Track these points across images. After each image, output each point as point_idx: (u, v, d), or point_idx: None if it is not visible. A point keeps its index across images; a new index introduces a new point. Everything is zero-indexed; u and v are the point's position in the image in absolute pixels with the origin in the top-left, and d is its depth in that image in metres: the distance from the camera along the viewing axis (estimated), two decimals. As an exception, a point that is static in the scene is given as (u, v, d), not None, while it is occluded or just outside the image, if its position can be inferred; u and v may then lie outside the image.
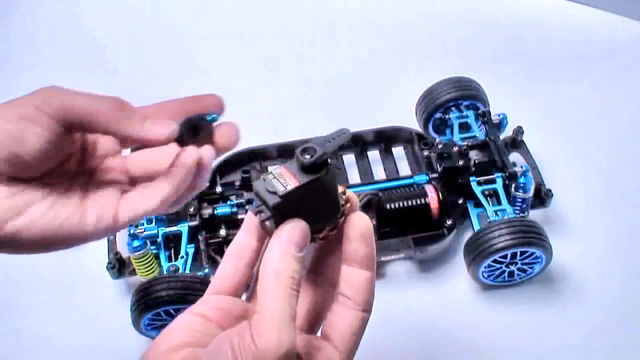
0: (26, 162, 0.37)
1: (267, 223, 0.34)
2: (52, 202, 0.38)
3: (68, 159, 0.40)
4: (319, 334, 0.36)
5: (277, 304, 0.32)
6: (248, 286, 0.38)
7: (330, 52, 0.93)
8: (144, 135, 0.37)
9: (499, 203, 0.69)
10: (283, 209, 0.34)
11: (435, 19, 0.96)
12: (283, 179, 0.33)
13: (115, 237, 0.69)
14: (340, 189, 0.36)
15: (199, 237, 0.68)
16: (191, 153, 0.38)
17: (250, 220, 0.37)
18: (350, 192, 0.37)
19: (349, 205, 0.37)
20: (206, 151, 0.39)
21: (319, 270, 0.38)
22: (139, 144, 0.39)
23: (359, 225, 0.36)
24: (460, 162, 0.70)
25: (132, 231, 0.66)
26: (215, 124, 0.40)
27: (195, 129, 0.39)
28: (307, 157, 0.33)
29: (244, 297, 0.38)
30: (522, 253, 0.63)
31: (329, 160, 0.34)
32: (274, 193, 0.33)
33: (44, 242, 0.38)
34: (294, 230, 0.34)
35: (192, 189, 0.39)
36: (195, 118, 0.39)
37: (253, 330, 0.31)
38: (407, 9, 0.98)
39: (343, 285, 0.36)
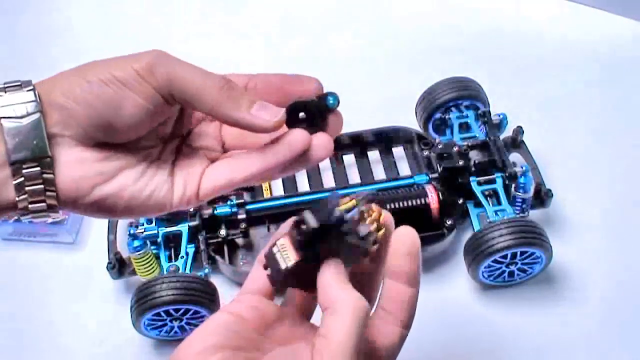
0: (119, 130, 0.35)
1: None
2: (143, 170, 0.37)
3: (164, 123, 0.38)
4: None
5: (349, 337, 0.31)
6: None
7: (330, 52, 0.93)
8: (250, 120, 0.35)
9: (499, 203, 0.69)
10: (298, 270, 0.33)
11: (435, 19, 0.96)
12: (285, 252, 0.33)
13: (115, 237, 0.69)
14: (375, 212, 0.35)
15: (199, 237, 0.68)
16: (302, 136, 0.36)
17: (277, 236, 0.35)
18: (386, 214, 0.36)
19: (382, 231, 0.35)
20: (321, 139, 0.36)
21: (383, 305, 0.36)
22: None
23: (406, 242, 0.35)
24: (460, 162, 0.70)
25: (132, 231, 0.66)
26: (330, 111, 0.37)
27: (306, 112, 0.36)
28: (295, 233, 0.32)
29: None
30: (522, 253, 0.63)
31: (319, 230, 0.32)
32: (278, 269, 0.33)
33: (129, 209, 0.36)
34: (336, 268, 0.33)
35: (290, 169, 0.37)
36: (308, 102, 0.36)
37: (316, 357, 0.30)
38: (407, 9, 0.98)
39: (385, 300, 0.35)
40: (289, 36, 0.95)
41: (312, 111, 0.36)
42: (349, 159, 0.78)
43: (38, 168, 0.34)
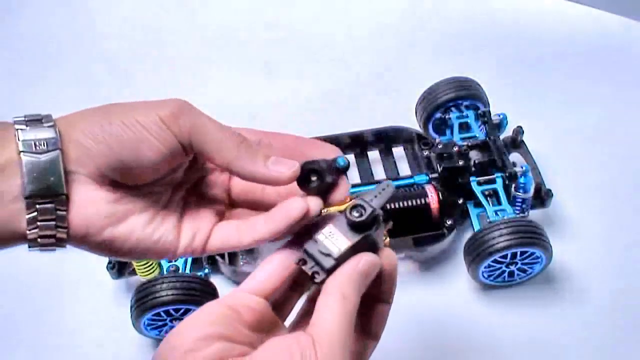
0: (135, 173, 0.36)
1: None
2: (152, 215, 0.37)
3: (176, 170, 0.39)
4: None
5: (342, 323, 0.33)
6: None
7: (330, 52, 0.93)
8: (266, 174, 0.36)
9: (499, 203, 0.69)
10: (344, 258, 0.35)
11: (435, 19, 0.96)
12: (335, 238, 0.35)
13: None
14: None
15: (199, 237, 0.68)
16: (298, 204, 0.37)
17: (307, 232, 0.37)
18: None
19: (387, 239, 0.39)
20: (314, 203, 0.37)
21: (365, 325, 0.38)
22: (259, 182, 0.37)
23: (391, 264, 0.37)
24: (460, 162, 0.70)
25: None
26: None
27: (317, 174, 0.37)
28: (357, 215, 0.35)
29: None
30: (522, 253, 0.63)
31: (378, 216, 0.36)
32: (329, 255, 0.34)
33: (134, 252, 0.37)
34: (372, 265, 0.35)
35: (289, 233, 0.38)
36: (319, 166, 0.37)
37: (316, 345, 0.32)
38: (407, 10, 0.98)
39: (367, 319, 0.37)
40: (289, 36, 0.95)
41: (323, 174, 0.37)
42: (349, 159, 0.78)
43: (52, 204, 0.34)
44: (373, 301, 0.37)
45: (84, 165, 0.34)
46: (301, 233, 0.37)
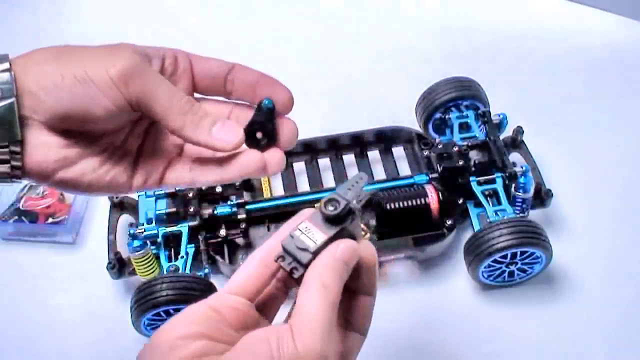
0: (85, 125, 0.37)
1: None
2: (104, 160, 0.39)
3: (127, 120, 0.40)
4: None
5: (323, 313, 0.32)
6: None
7: (330, 52, 0.93)
8: (210, 142, 0.38)
9: (499, 203, 0.69)
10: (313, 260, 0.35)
11: (435, 19, 0.96)
12: (311, 233, 0.35)
13: (115, 237, 0.70)
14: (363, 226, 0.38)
15: (199, 237, 0.68)
16: (254, 158, 0.39)
17: (284, 230, 0.37)
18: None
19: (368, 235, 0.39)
20: (275, 157, 0.40)
21: (349, 319, 0.38)
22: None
23: (369, 254, 0.37)
24: (460, 162, 0.70)
25: (132, 231, 0.66)
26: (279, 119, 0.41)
27: (262, 129, 0.40)
28: (331, 209, 0.35)
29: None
30: (522, 253, 0.63)
31: (353, 208, 0.36)
32: (305, 250, 0.34)
33: (90, 190, 0.39)
34: (350, 251, 0.35)
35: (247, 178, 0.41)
36: (261, 122, 0.40)
37: (295, 333, 0.31)
38: (407, 10, 0.98)
39: (349, 312, 0.37)
40: (289, 36, 0.95)
41: (268, 129, 0.40)
42: (349, 159, 0.78)
43: (7, 149, 0.36)
44: (355, 294, 0.37)
45: (37, 113, 0.36)
46: (281, 232, 0.37)
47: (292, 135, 0.41)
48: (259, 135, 0.40)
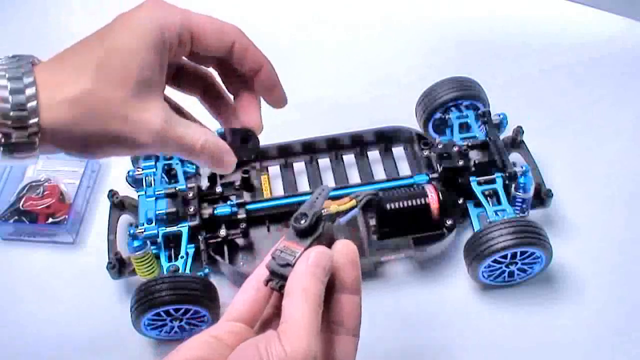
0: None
1: None
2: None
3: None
4: None
5: (307, 315, 0.33)
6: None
7: (330, 52, 0.93)
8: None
9: (499, 203, 0.69)
10: None
11: (435, 19, 0.96)
12: (289, 250, 0.36)
13: (115, 237, 0.70)
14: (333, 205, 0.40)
15: (199, 237, 0.68)
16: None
17: (270, 255, 0.38)
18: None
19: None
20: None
21: (338, 320, 0.38)
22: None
23: (347, 252, 0.38)
24: (460, 162, 0.70)
25: (132, 231, 0.66)
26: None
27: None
28: (302, 222, 0.37)
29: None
30: (522, 253, 0.63)
31: (320, 215, 0.38)
32: (287, 265, 0.36)
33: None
34: (320, 255, 0.36)
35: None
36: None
37: (282, 336, 0.32)
38: (407, 10, 0.98)
39: (335, 313, 0.37)
40: (289, 35, 0.95)
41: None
42: (349, 159, 0.78)
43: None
44: (340, 294, 0.37)
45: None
46: (268, 258, 0.38)
47: (270, 81, 0.47)
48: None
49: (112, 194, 0.72)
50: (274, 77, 0.46)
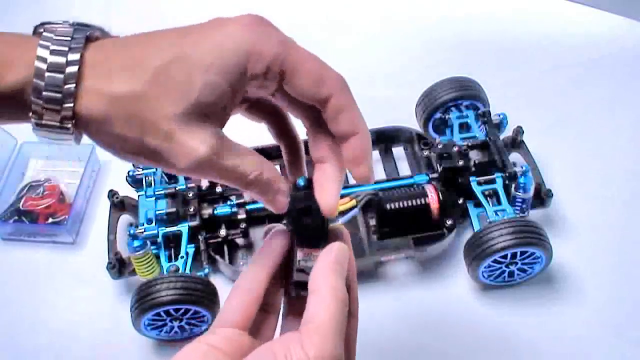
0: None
1: None
2: None
3: None
4: None
5: (334, 315, 0.32)
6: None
7: (330, 52, 0.93)
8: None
9: (499, 203, 0.69)
10: None
11: (435, 19, 0.96)
12: (312, 256, 0.36)
13: (115, 237, 0.69)
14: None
15: (199, 237, 0.68)
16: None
17: (260, 256, 0.38)
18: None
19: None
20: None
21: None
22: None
23: (347, 238, 0.38)
24: (460, 162, 0.70)
25: (132, 231, 0.66)
26: None
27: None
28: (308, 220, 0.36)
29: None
30: (522, 253, 0.63)
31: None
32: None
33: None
34: (341, 252, 0.35)
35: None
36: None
37: (305, 340, 0.31)
38: (407, 10, 0.98)
39: None
40: (289, 35, 0.95)
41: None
42: (349, 159, 0.78)
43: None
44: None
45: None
46: (256, 259, 0.38)
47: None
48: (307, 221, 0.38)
49: (112, 194, 0.72)
50: (366, 151, 0.37)
